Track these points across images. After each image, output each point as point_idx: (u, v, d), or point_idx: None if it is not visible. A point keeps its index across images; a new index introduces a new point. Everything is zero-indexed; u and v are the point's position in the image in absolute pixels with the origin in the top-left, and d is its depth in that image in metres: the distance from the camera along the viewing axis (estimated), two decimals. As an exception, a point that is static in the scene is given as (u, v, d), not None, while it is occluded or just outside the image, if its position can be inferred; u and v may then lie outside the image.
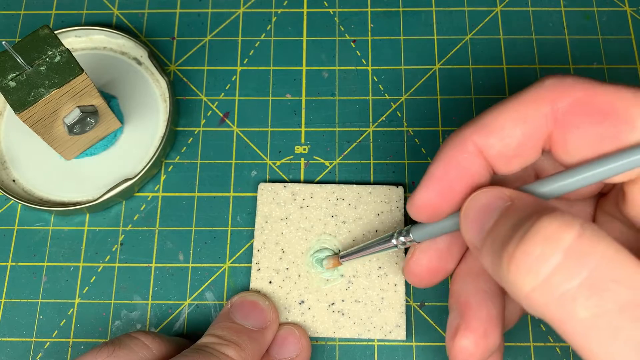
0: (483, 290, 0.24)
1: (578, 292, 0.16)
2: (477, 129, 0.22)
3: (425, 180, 0.23)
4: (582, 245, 0.17)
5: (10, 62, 0.28)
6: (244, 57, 0.37)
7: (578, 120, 0.21)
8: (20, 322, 0.32)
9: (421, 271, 0.26)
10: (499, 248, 0.19)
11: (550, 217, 0.18)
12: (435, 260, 0.26)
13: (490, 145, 0.22)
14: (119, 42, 0.37)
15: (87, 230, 0.34)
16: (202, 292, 0.33)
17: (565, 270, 0.17)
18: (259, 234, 0.33)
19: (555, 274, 0.17)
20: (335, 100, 0.36)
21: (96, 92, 0.30)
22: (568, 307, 0.17)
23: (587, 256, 0.17)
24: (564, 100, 0.21)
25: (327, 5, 0.38)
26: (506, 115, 0.22)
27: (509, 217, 0.19)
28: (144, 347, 0.27)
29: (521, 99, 0.22)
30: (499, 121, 0.22)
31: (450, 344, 0.24)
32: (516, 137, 0.22)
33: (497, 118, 0.22)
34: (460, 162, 0.22)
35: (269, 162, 0.35)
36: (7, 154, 0.35)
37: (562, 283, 0.17)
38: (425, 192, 0.23)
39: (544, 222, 0.17)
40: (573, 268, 0.17)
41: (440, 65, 0.37)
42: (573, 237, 0.17)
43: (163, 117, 0.35)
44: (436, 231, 0.25)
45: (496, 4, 0.38)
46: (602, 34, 0.37)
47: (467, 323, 0.23)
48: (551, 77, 0.22)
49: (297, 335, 0.30)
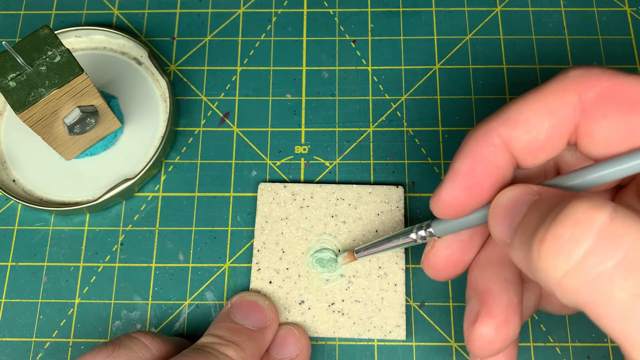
0: (504, 277, 0.23)
1: (614, 273, 0.16)
2: (502, 122, 0.22)
3: (451, 176, 0.23)
4: (615, 227, 0.16)
5: (10, 62, 0.28)
6: (244, 57, 0.37)
7: (606, 111, 0.20)
8: (20, 322, 0.32)
9: (441, 263, 0.26)
10: (529, 238, 0.18)
11: (581, 201, 0.17)
12: (457, 252, 0.25)
13: (516, 138, 0.22)
14: (119, 42, 0.37)
15: (87, 230, 0.34)
16: (202, 292, 0.33)
17: (599, 252, 0.16)
18: (259, 234, 0.33)
19: (589, 256, 0.16)
20: (335, 100, 0.36)
21: (96, 92, 0.30)
22: (604, 289, 0.16)
23: (620, 237, 0.16)
24: (591, 91, 0.21)
25: (327, 6, 0.39)
26: (532, 107, 0.21)
27: (538, 209, 0.19)
28: (143, 347, 0.27)
29: (546, 90, 0.21)
30: (524, 113, 0.22)
31: (469, 331, 0.23)
32: (543, 129, 0.21)
33: (523, 110, 0.22)
34: (487, 156, 0.22)
35: (269, 162, 0.35)
36: (7, 154, 0.35)
37: (597, 265, 0.16)
38: (452, 189, 0.22)
39: (575, 205, 0.17)
40: (607, 249, 0.16)
41: (440, 65, 0.37)
42: (605, 218, 0.16)
43: (163, 117, 0.35)
44: (458, 226, 0.24)
45: (496, 4, 0.38)
46: (602, 34, 0.37)
47: (488, 309, 0.23)
48: (576, 68, 0.21)
49: (297, 335, 0.30)
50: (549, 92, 0.21)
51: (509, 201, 0.21)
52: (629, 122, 0.20)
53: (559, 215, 0.17)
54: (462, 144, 0.23)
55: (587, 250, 0.16)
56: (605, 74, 0.21)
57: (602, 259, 0.16)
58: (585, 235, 0.16)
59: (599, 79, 0.21)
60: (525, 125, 0.21)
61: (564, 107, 0.21)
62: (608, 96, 0.20)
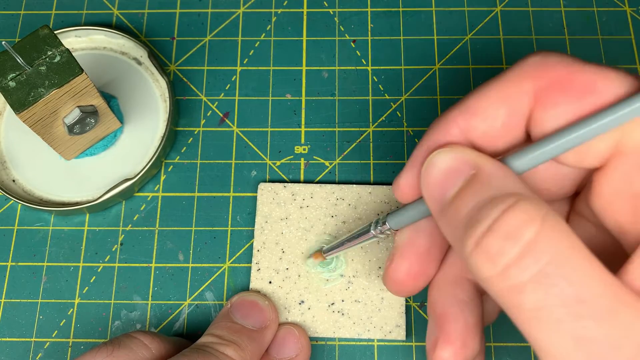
0: (460, 299, 0.24)
1: (527, 285, 0.18)
2: (460, 112, 0.22)
3: (409, 163, 0.23)
4: (539, 242, 0.18)
5: (10, 62, 0.28)
6: (244, 57, 0.37)
7: (557, 98, 0.20)
8: (20, 322, 0.32)
9: (401, 277, 0.25)
10: (461, 229, 0.19)
11: (514, 211, 0.18)
12: (416, 265, 0.25)
13: (474, 127, 0.22)
14: (119, 42, 0.37)
15: (87, 230, 0.34)
16: (202, 292, 0.33)
17: (520, 264, 0.18)
18: (258, 234, 0.33)
19: (511, 267, 0.18)
20: (335, 100, 0.36)
21: (96, 92, 0.30)
22: (516, 298, 0.18)
23: (542, 253, 0.17)
24: (545, 78, 0.21)
25: (327, 5, 0.38)
26: (489, 95, 0.22)
27: (473, 193, 0.20)
28: (143, 346, 0.27)
29: (504, 79, 0.22)
30: (482, 102, 0.22)
31: (431, 355, 0.24)
32: (499, 118, 0.21)
33: (480, 99, 0.22)
34: (442, 144, 0.22)
35: (269, 162, 0.35)
36: (7, 154, 0.35)
37: (515, 276, 0.18)
38: (410, 174, 0.23)
39: (508, 218, 0.18)
40: (527, 263, 0.18)
41: (440, 65, 0.37)
42: (532, 233, 0.18)
43: (163, 117, 0.35)
44: (411, 217, 0.24)
45: (496, 4, 0.38)
46: (602, 34, 0.37)
47: (446, 335, 0.23)
48: (535, 55, 0.21)
49: (297, 335, 0.30)
50: (506, 80, 0.21)
51: (444, 168, 0.21)
52: (579, 110, 0.20)
53: (493, 228, 0.18)
54: (424, 134, 0.23)
55: (510, 262, 0.18)
56: (562, 62, 0.20)
57: (520, 271, 0.18)
58: (511, 249, 0.18)
59: (555, 66, 0.20)
60: (482, 114, 0.22)
61: (519, 95, 0.21)
62: (561, 84, 0.20)
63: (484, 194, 0.19)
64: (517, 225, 0.18)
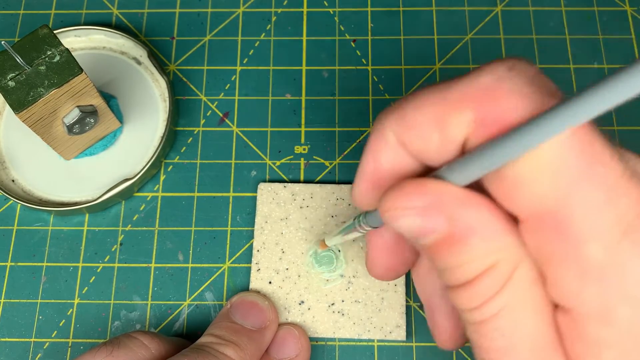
0: (440, 285, 0.24)
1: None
2: (396, 119, 0.20)
3: (358, 173, 0.22)
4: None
5: (9, 62, 0.28)
6: (244, 57, 0.37)
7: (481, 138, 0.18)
8: (20, 323, 0.32)
9: (380, 270, 0.26)
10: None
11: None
12: (390, 260, 0.25)
13: (409, 142, 0.20)
14: (118, 42, 0.37)
15: (87, 231, 0.34)
16: (202, 293, 0.32)
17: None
18: (258, 234, 0.33)
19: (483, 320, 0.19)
20: (335, 100, 0.36)
21: (95, 91, 0.30)
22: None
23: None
24: (488, 113, 0.18)
25: (327, 5, 0.38)
26: (426, 112, 0.19)
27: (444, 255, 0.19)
28: (142, 346, 0.27)
29: (446, 94, 0.19)
30: (417, 117, 0.20)
31: (435, 338, 0.24)
32: (433, 142, 0.19)
33: (417, 112, 0.20)
34: (383, 158, 0.21)
35: (269, 162, 0.35)
36: (6, 154, 0.35)
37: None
38: (361, 185, 0.22)
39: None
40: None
41: (440, 65, 0.37)
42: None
43: (162, 117, 0.35)
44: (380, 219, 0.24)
45: (496, 4, 0.38)
46: (602, 34, 0.37)
47: (435, 323, 0.24)
48: (493, 70, 0.19)
49: (297, 335, 0.30)
50: (448, 98, 0.19)
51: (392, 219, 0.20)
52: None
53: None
54: (368, 138, 0.22)
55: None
56: (516, 92, 0.18)
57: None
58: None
59: (504, 98, 0.18)
60: (417, 130, 0.20)
61: (455, 125, 0.19)
62: (488, 127, 0.18)
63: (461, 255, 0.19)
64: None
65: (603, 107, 0.15)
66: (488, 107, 0.18)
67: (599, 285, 0.17)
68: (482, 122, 0.18)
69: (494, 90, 0.18)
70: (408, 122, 0.20)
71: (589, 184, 0.17)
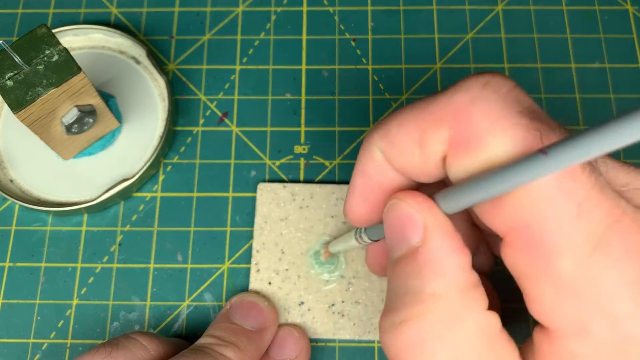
0: None
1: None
2: (381, 135, 0.21)
3: (350, 189, 0.23)
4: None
5: (7, 61, 0.28)
6: (243, 56, 0.37)
7: (459, 153, 0.19)
8: (18, 323, 0.32)
9: (376, 267, 0.27)
10: (393, 296, 0.20)
11: (429, 316, 0.19)
12: (384, 260, 0.26)
13: (393, 159, 0.21)
14: (117, 41, 0.37)
15: (85, 231, 0.34)
16: (201, 293, 0.32)
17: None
18: (258, 235, 0.32)
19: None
20: (335, 100, 0.36)
21: (94, 91, 0.30)
22: None
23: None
24: (461, 131, 0.18)
25: (326, 4, 0.38)
26: (407, 129, 0.20)
27: (408, 271, 0.20)
28: (141, 347, 0.27)
29: (424, 113, 0.19)
30: (400, 135, 0.20)
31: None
32: (415, 158, 0.20)
33: (399, 129, 0.20)
34: (371, 174, 0.22)
35: (268, 162, 0.35)
36: (4, 154, 0.35)
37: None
38: (352, 201, 0.23)
39: (421, 322, 0.19)
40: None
41: (441, 64, 0.37)
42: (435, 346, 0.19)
43: (161, 116, 0.35)
44: (381, 232, 0.24)
45: (497, 3, 0.38)
46: (604, 33, 0.37)
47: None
48: (465, 90, 0.19)
49: (297, 336, 0.30)
50: (424, 116, 0.19)
51: (391, 223, 0.21)
52: (472, 169, 0.18)
53: (407, 321, 0.19)
54: (359, 153, 0.22)
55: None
56: (490, 114, 0.18)
57: None
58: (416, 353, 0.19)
59: (477, 118, 0.18)
60: (400, 147, 0.20)
61: (433, 143, 0.19)
62: (465, 140, 0.18)
63: (415, 277, 0.19)
64: (425, 332, 0.18)
65: (592, 154, 0.15)
66: (460, 127, 0.18)
67: (573, 301, 0.17)
68: (456, 141, 0.19)
69: (467, 110, 0.18)
70: (392, 139, 0.20)
71: (560, 198, 0.17)
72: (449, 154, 0.19)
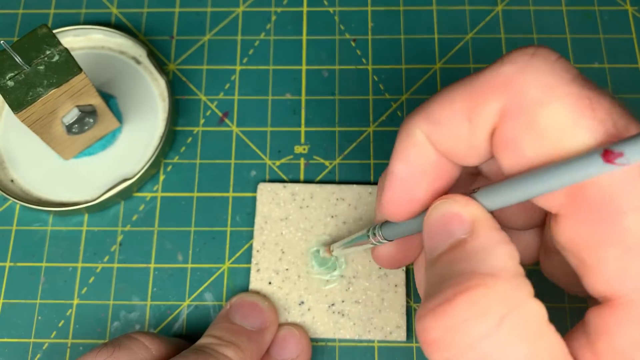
0: None
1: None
2: (423, 117, 0.20)
3: (388, 180, 0.22)
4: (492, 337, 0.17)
5: (8, 62, 0.28)
6: (244, 57, 0.37)
7: (518, 134, 0.18)
8: (18, 323, 0.32)
9: (385, 261, 0.26)
10: (435, 287, 0.18)
11: (485, 296, 0.17)
12: (396, 254, 0.25)
13: (438, 141, 0.20)
14: (117, 41, 0.37)
15: (86, 231, 0.34)
16: (201, 293, 0.32)
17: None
18: (258, 235, 0.33)
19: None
20: (335, 100, 0.36)
21: (95, 91, 0.30)
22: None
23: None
24: (513, 101, 0.18)
25: (327, 4, 0.38)
26: (453, 106, 0.19)
27: (455, 260, 0.19)
28: (143, 347, 0.27)
29: (472, 85, 0.19)
30: (445, 112, 0.19)
31: None
32: (464, 135, 0.19)
33: (444, 108, 0.20)
34: (413, 160, 0.21)
35: (269, 162, 0.35)
36: (5, 154, 0.35)
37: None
38: (392, 191, 0.22)
39: (477, 299, 0.17)
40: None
41: (441, 64, 0.37)
42: (490, 325, 0.17)
43: (162, 116, 0.35)
44: (404, 232, 0.23)
45: (497, 3, 0.38)
46: (603, 33, 0.37)
47: None
48: (516, 60, 0.19)
49: (298, 335, 0.30)
50: (474, 88, 0.19)
51: (438, 221, 0.20)
52: (538, 155, 0.18)
53: (458, 302, 0.17)
54: (396, 139, 0.22)
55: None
56: (541, 82, 0.18)
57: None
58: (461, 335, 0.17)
59: (529, 87, 0.18)
60: (446, 126, 0.20)
61: (483, 115, 0.19)
62: (526, 121, 0.18)
63: (464, 262, 0.18)
64: (480, 312, 0.17)
65: None
66: (512, 97, 0.18)
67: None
68: (508, 111, 0.18)
69: (517, 80, 0.18)
70: (436, 119, 0.20)
71: None
72: (500, 126, 0.18)
